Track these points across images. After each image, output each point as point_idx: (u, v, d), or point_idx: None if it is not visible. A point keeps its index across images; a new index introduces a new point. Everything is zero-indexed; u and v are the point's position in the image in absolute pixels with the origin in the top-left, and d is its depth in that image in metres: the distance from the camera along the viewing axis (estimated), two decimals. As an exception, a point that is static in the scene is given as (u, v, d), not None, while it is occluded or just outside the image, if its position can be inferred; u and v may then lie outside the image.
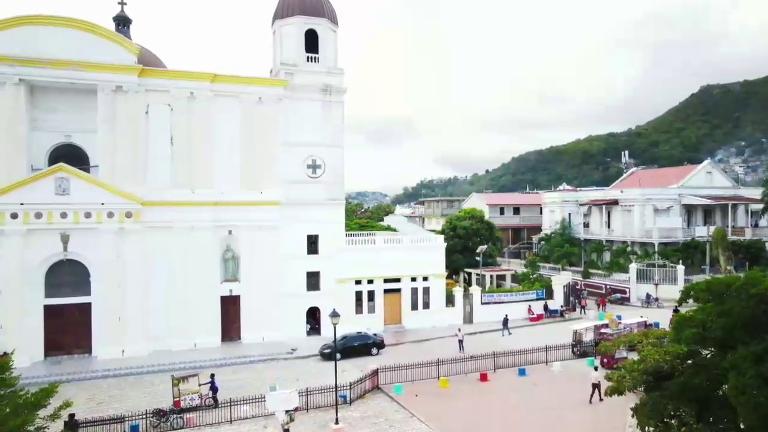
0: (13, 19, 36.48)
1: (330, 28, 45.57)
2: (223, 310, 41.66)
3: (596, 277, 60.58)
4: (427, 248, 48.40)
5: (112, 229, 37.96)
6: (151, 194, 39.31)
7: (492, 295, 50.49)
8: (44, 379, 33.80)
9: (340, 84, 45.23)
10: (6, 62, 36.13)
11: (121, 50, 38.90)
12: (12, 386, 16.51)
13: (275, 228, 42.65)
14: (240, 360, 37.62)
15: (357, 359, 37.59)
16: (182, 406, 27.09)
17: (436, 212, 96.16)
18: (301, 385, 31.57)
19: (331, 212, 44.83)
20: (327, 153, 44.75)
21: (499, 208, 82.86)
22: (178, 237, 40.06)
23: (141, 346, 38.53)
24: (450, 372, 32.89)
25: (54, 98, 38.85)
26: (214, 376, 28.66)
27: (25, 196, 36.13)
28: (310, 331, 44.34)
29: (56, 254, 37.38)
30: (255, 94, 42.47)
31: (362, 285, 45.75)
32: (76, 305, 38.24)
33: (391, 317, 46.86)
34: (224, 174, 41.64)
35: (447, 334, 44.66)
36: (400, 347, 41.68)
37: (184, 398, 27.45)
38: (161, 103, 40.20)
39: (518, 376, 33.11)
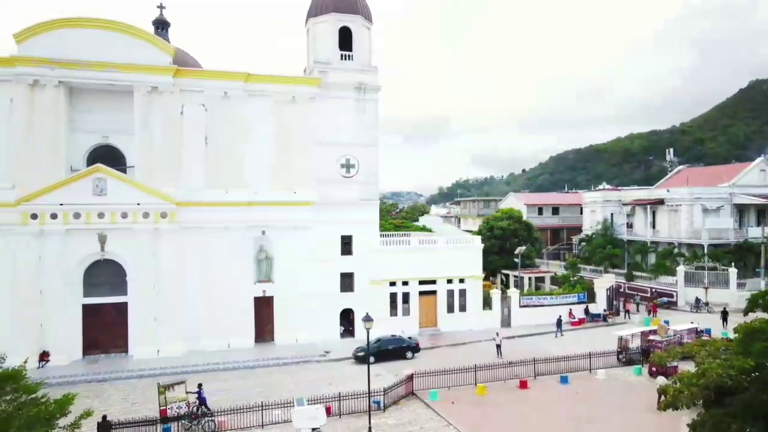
0: (52, 22, 37.00)
1: (364, 25, 44.84)
2: (256, 311, 41.42)
3: (641, 279, 58.08)
4: (463, 249, 47.12)
5: (148, 229, 38.11)
6: (186, 194, 39.35)
7: (531, 298, 48.84)
8: (81, 377, 34.23)
9: (374, 82, 44.44)
10: (46, 64, 36.65)
11: (157, 51, 39.05)
12: (33, 392, 15.95)
13: (308, 228, 42.16)
14: (273, 362, 37.22)
15: (391, 363, 36.70)
16: (168, 415, 25.94)
17: (472, 212, 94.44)
18: (333, 389, 31.01)
19: (366, 212, 44.07)
20: (361, 152, 44.03)
21: (538, 208, 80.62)
22: (212, 237, 39.99)
23: (176, 346, 38.57)
24: (488, 378, 31.63)
25: (92, 99, 39.26)
26: (202, 386, 27.65)
27: (64, 196, 36.59)
28: (343, 333, 43.70)
29: (94, 254, 37.79)
30: (288, 93, 42.08)
31: (397, 286, 44.83)
32: (113, 305, 38.61)
33: (427, 320, 45.79)
34: (258, 174, 41.39)
35: (484, 338, 43.38)
36: (435, 351, 40.60)
37: (170, 407, 26.24)
38: (196, 104, 40.20)
39: (560, 384, 31.60)
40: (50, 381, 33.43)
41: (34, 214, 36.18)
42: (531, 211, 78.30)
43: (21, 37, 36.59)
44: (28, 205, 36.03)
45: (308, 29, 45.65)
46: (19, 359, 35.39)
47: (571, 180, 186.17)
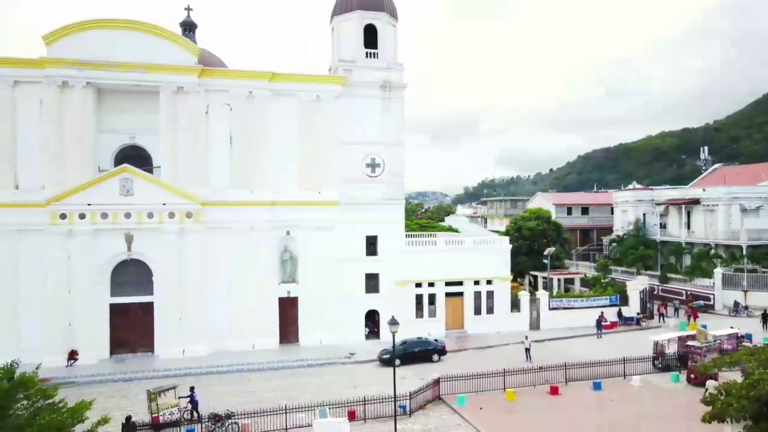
0: (80, 24, 37.33)
1: (389, 22, 44.24)
2: (281, 311, 41.16)
3: (675, 282, 56.17)
4: (491, 250, 46.10)
5: (173, 229, 38.16)
6: (211, 194, 39.32)
7: (561, 300, 47.55)
8: (108, 377, 34.43)
9: (399, 80, 43.80)
10: (74, 66, 36.97)
11: (183, 51, 39.11)
12: (50, 397, 15.60)
13: (333, 228, 41.74)
14: (297, 363, 36.87)
15: (417, 366, 36.00)
16: (161, 422, 25.48)
17: (499, 212, 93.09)
18: (358, 392, 30.48)
19: (391, 212, 43.46)
20: (386, 151, 43.44)
21: (567, 208, 78.90)
22: (237, 237, 39.86)
23: (201, 346, 38.54)
24: (517, 383, 30.64)
25: (119, 100, 39.49)
26: (194, 389, 27.18)
27: (92, 196, 36.88)
28: (368, 334, 43.15)
29: (121, 254, 38.01)
30: (313, 92, 41.72)
31: (423, 288, 44.10)
32: (140, 304, 38.78)
33: (453, 322, 44.94)
34: (282, 174, 41.17)
35: (512, 341, 42.34)
36: (462, 354, 39.74)
37: (162, 413, 25.70)
38: (221, 103, 40.14)
39: (592, 390, 30.43)
40: (78, 380, 33.97)
41: (63, 214, 36.54)
42: (560, 211, 76.69)
43: (50, 39, 37.01)
44: (57, 206, 36.41)
45: (333, 27, 45.26)
46: (48, 357, 36.28)
47: (599, 179, 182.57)
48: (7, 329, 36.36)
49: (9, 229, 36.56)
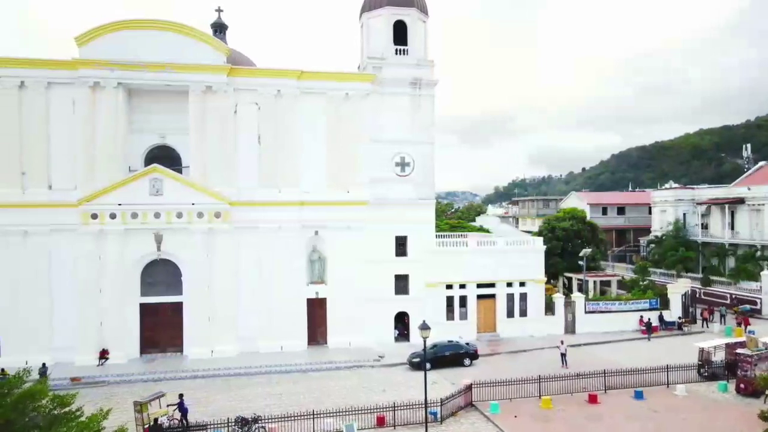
0: (110, 25, 37.47)
1: (419, 18, 43.29)
2: (309, 312, 40.65)
3: (718, 285, 53.68)
4: (524, 251, 44.68)
5: (202, 229, 38.02)
6: (239, 194, 39.05)
7: (597, 303, 45.82)
8: (138, 377, 34.42)
9: (430, 77, 42.83)
10: (106, 66, 37.14)
11: (211, 50, 38.93)
12: (67, 405, 15.06)
13: (362, 228, 41.01)
14: (326, 366, 36.28)
15: (448, 370, 35.02)
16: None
17: (531, 212, 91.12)
18: (387, 397, 29.75)
19: (421, 212, 42.52)
20: (416, 150, 42.53)
21: (602, 208, 76.60)
22: (265, 237, 39.51)
23: (229, 346, 38.31)
24: (553, 390, 29.38)
25: (150, 100, 39.55)
26: (183, 396, 26.37)
27: (123, 196, 36.99)
28: (398, 337, 42.31)
29: (151, 254, 38.06)
30: (341, 90, 41.08)
31: (454, 290, 43.02)
32: (170, 304, 38.78)
33: (485, 325, 43.73)
34: (311, 173, 40.67)
35: (546, 345, 41.02)
36: (494, 358, 38.59)
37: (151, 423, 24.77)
38: (249, 102, 39.85)
39: (634, 399, 28.93)
40: (108, 379, 34.08)
41: (94, 214, 36.74)
42: (594, 211, 74.48)
43: (82, 40, 37.23)
44: (88, 206, 36.63)
45: (362, 24, 44.56)
46: (80, 356, 36.55)
47: (635, 179, 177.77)
48: (41, 328, 36.75)
49: (43, 229, 36.93)
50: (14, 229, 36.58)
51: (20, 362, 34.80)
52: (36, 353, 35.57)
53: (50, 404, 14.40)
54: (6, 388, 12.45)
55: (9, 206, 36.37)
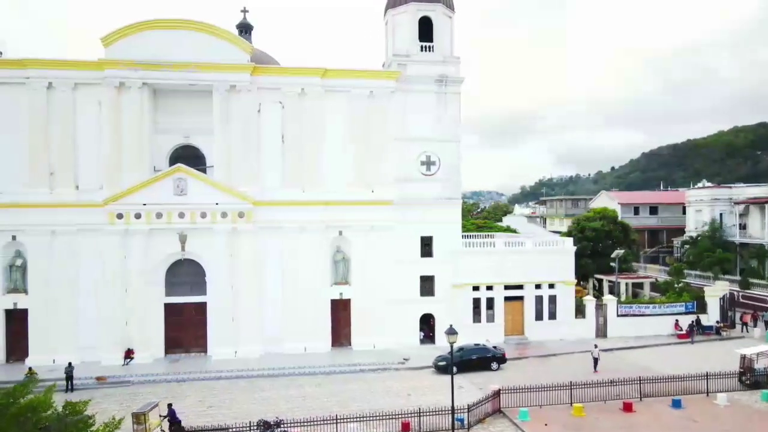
0: (135, 25, 37.53)
1: (445, 14, 42.42)
2: (333, 314, 40.17)
3: (758, 288, 51.27)
4: (553, 252, 43.45)
5: (226, 229, 37.83)
6: (263, 194, 38.75)
7: (630, 306, 44.26)
8: (162, 377, 34.35)
9: (456, 73, 41.91)
10: (131, 66, 37.21)
11: (235, 49, 38.72)
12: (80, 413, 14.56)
13: (387, 229, 40.33)
14: (349, 368, 35.69)
15: (475, 374, 34.10)
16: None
17: (559, 212, 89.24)
18: (412, 401, 29.07)
19: (447, 212, 41.64)
20: (442, 148, 41.66)
21: (633, 208, 74.36)
22: (289, 238, 39.15)
23: (253, 347, 38.05)
24: (585, 397, 28.23)
25: (174, 100, 39.54)
26: (172, 405, 25.74)
27: (147, 196, 37.01)
28: (423, 339, 41.51)
29: (175, 254, 38.04)
30: (366, 87, 40.46)
31: (480, 291, 42.01)
32: (194, 304, 38.73)
33: (513, 327, 42.62)
34: (335, 172, 40.15)
35: (577, 349, 39.75)
36: (522, 362, 37.51)
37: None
38: (273, 101, 39.53)
39: (671, 408, 27.57)
40: (133, 379, 34.07)
41: (119, 214, 36.84)
42: (626, 211, 72.36)
43: (108, 41, 37.39)
44: (114, 205, 36.74)
45: (387, 21, 43.87)
46: (106, 355, 36.70)
47: (666, 178, 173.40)
48: (68, 327, 37.01)
49: (70, 229, 37.19)
50: (43, 228, 36.91)
51: (48, 361, 35.59)
52: (63, 352, 35.86)
53: (63, 411, 13.92)
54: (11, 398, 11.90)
55: (38, 206, 36.69)
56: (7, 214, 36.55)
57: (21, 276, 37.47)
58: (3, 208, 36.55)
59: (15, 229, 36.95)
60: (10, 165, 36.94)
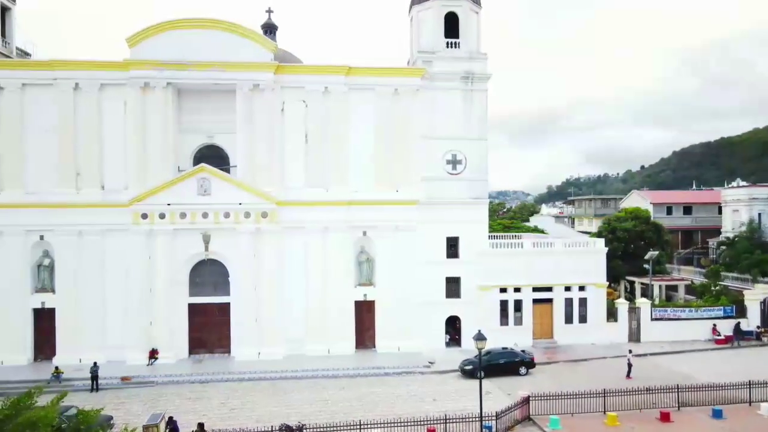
0: (159, 25, 37.47)
1: (472, 9, 41.46)
2: (357, 315, 39.57)
3: (801, 291, 49.03)
4: (584, 253, 42.10)
5: (249, 229, 37.55)
6: (286, 194, 38.38)
7: (665, 310, 42.62)
8: (186, 377, 34.24)
9: (483, 70, 40.90)
10: (156, 66, 37.18)
11: (259, 48, 38.42)
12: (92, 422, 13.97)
13: (412, 229, 39.57)
14: (373, 371, 35.06)
15: (502, 379, 33.13)
16: None
17: (588, 212, 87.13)
18: (438, 407, 28.37)
19: (474, 212, 40.64)
20: (468, 147, 40.71)
21: (666, 207, 72.08)
22: (313, 238, 38.68)
23: (276, 348, 37.69)
24: (619, 405, 27.04)
25: (198, 100, 39.40)
26: (173, 418, 25.14)
27: (171, 196, 36.95)
28: (449, 342, 40.64)
29: (199, 254, 37.91)
30: (390, 85, 39.74)
31: (508, 293, 40.93)
32: (217, 305, 38.56)
33: (541, 331, 41.44)
34: (359, 172, 39.56)
35: (609, 354, 38.48)
36: (552, 367, 36.38)
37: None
38: (296, 100, 39.11)
39: (712, 418, 26.24)
40: (157, 379, 34.04)
41: (144, 214, 36.86)
42: (658, 211, 70.14)
43: (133, 41, 37.43)
44: (139, 206, 36.77)
45: (411, 17, 43.11)
46: (131, 355, 36.77)
47: (698, 177, 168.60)
48: (94, 326, 37.17)
49: (96, 229, 37.36)
50: (70, 228, 37.14)
51: (75, 360, 35.81)
52: (90, 351, 35.99)
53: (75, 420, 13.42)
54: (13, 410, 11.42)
55: (65, 206, 36.92)
56: (36, 214, 36.87)
57: (49, 276, 37.79)
58: (32, 208, 36.88)
59: (43, 229, 37.27)
60: (39, 166, 37.28)
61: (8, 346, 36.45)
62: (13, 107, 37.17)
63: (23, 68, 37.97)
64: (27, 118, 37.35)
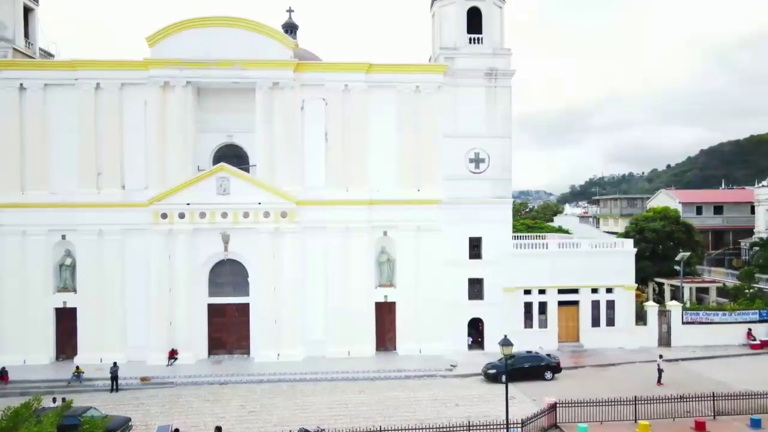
0: (179, 24, 37.28)
1: (495, 3, 40.47)
2: (377, 317, 38.92)
3: (840, 294, 47.00)
4: (611, 254, 40.81)
5: (268, 229, 37.15)
6: (306, 193, 37.90)
7: (697, 314, 41.08)
8: (205, 378, 34.01)
9: (506, 66, 39.91)
10: (176, 65, 37.00)
11: (278, 46, 38.00)
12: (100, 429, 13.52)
13: (434, 229, 38.76)
14: (394, 374, 34.34)
15: (527, 384, 32.12)
16: None
17: (614, 212, 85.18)
18: (460, 412, 27.56)
19: (497, 212, 39.66)
20: (492, 145, 39.75)
21: (696, 207, 69.96)
22: (332, 238, 38.11)
23: (296, 350, 37.24)
24: (651, 413, 25.84)
25: (217, 99, 39.15)
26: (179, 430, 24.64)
27: (191, 196, 36.75)
28: (471, 344, 39.73)
29: (218, 254, 37.69)
30: (412, 82, 38.98)
31: (532, 295, 39.87)
32: (236, 305, 38.29)
33: (567, 334, 40.29)
34: (379, 171, 38.87)
35: (638, 359, 37.23)
36: (578, 372, 35.27)
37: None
38: (316, 98, 38.60)
39: (750, 428, 24.96)
40: (176, 380, 33.82)
41: (164, 214, 36.72)
42: (687, 211, 68.03)
43: (153, 40, 37.32)
44: (158, 205, 36.64)
45: (433, 14, 42.29)
46: (152, 355, 36.66)
47: (727, 175, 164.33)
48: (115, 326, 37.17)
49: (116, 229, 37.33)
50: (91, 228, 37.19)
51: (96, 360, 35.82)
52: (110, 351, 35.99)
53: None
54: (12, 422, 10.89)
55: (86, 206, 36.99)
56: (58, 214, 37.01)
57: (70, 275, 37.93)
58: (54, 208, 37.04)
59: (65, 229, 37.38)
60: (61, 165, 37.46)
61: (31, 345, 36.62)
62: (36, 107, 37.38)
63: (46, 69, 38.16)
64: (49, 118, 37.55)
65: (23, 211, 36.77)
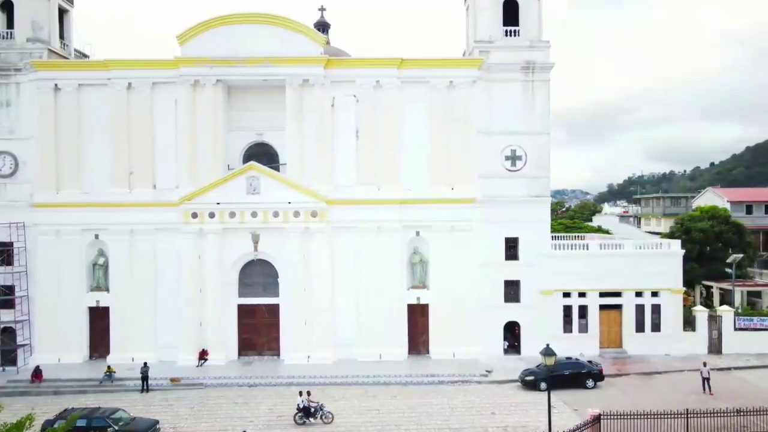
0: (208, 22, 36.98)
1: (532, -7, 38.82)
2: (410, 319, 37.84)
3: None
4: (657, 255, 38.74)
5: (298, 228, 36.49)
6: (337, 192, 37.08)
7: (751, 319, 38.61)
8: (234, 380, 33.67)
9: (544, 59, 38.26)
10: (206, 63, 36.71)
11: (308, 42, 37.32)
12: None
13: (468, 229, 37.41)
14: (427, 379, 33.19)
15: (567, 392, 30.51)
16: None
17: (656, 211, 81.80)
18: (497, 421, 26.42)
19: (534, 211, 38.04)
20: (529, 141, 38.17)
21: (746, 206, 66.44)
22: (363, 238, 37.19)
23: (326, 353, 36.46)
24: (704, 428, 24.02)
25: (247, 97, 38.73)
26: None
27: (221, 195, 36.41)
28: (507, 348, 38.25)
29: (248, 254, 37.25)
30: (445, 78, 37.71)
31: (572, 298, 38.13)
32: (266, 306, 37.80)
33: (609, 339, 38.41)
34: (412, 169, 37.73)
35: (686, 367, 35.21)
36: (622, 380, 33.44)
37: None
38: (347, 95, 37.73)
39: (816, 446, 22.89)
40: (206, 381, 33.51)
41: (194, 213, 36.47)
42: (736, 210, 64.57)
43: (183, 39, 37.11)
44: (189, 205, 36.42)
45: (468, 6, 40.96)
46: (182, 356, 36.45)
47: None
48: (147, 326, 37.11)
49: (148, 228, 37.26)
50: (123, 228, 37.24)
51: (128, 359, 35.82)
52: (142, 351, 35.93)
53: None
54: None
55: (118, 206, 37.05)
56: (91, 213, 37.14)
57: (103, 274, 38.06)
58: (87, 207, 37.19)
59: (98, 228, 37.53)
60: (94, 165, 37.64)
61: (65, 344, 36.83)
62: (71, 107, 37.62)
63: (79, 69, 38.43)
64: (83, 118, 37.75)
65: (58, 211, 37.01)
